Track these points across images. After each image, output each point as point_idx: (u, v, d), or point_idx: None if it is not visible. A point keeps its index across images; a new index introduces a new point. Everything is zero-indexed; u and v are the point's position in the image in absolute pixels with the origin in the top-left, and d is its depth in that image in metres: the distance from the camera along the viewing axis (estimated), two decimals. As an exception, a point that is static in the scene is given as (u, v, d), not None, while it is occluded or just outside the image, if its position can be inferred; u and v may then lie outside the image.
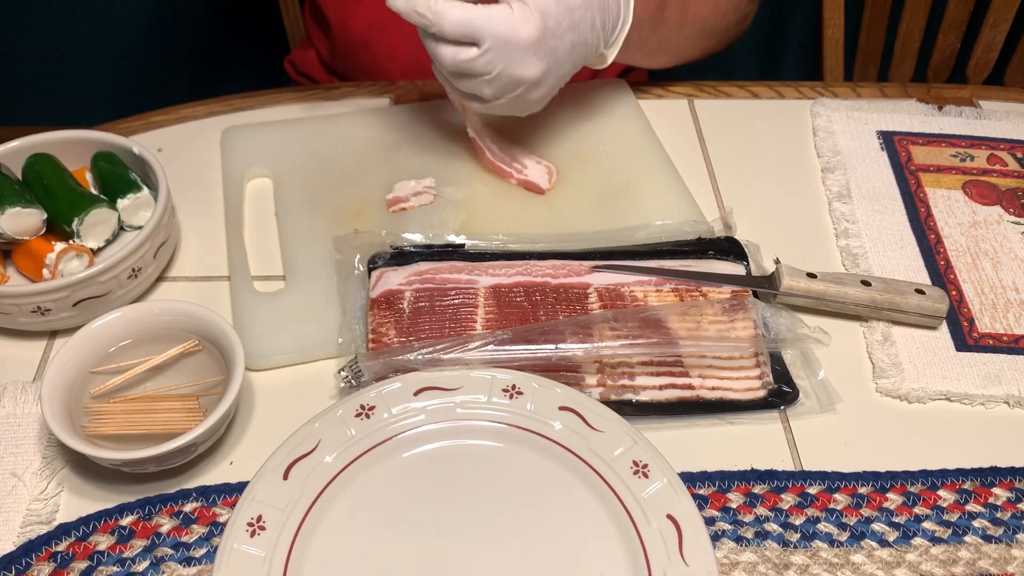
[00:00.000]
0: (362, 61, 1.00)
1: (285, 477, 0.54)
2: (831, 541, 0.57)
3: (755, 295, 0.68)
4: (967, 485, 0.60)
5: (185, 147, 0.80)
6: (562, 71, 0.69)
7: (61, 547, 0.54)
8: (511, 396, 0.59)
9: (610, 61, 0.73)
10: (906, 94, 0.89)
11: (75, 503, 0.57)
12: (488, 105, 0.68)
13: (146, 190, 0.70)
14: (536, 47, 0.64)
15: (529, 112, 0.71)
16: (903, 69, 1.25)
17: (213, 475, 0.59)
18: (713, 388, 0.63)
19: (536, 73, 0.65)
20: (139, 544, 0.55)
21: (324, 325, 0.66)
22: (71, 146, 0.71)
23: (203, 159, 0.79)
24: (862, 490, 0.59)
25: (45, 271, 0.64)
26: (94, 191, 0.71)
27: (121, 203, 0.69)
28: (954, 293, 0.71)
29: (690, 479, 0.58)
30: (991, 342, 0.68)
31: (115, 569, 0.54)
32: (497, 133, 0.78)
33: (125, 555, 0.54)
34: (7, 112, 1.86)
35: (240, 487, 0.57)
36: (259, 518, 0.52)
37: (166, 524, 0.56)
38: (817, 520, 0.57)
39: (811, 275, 0.67)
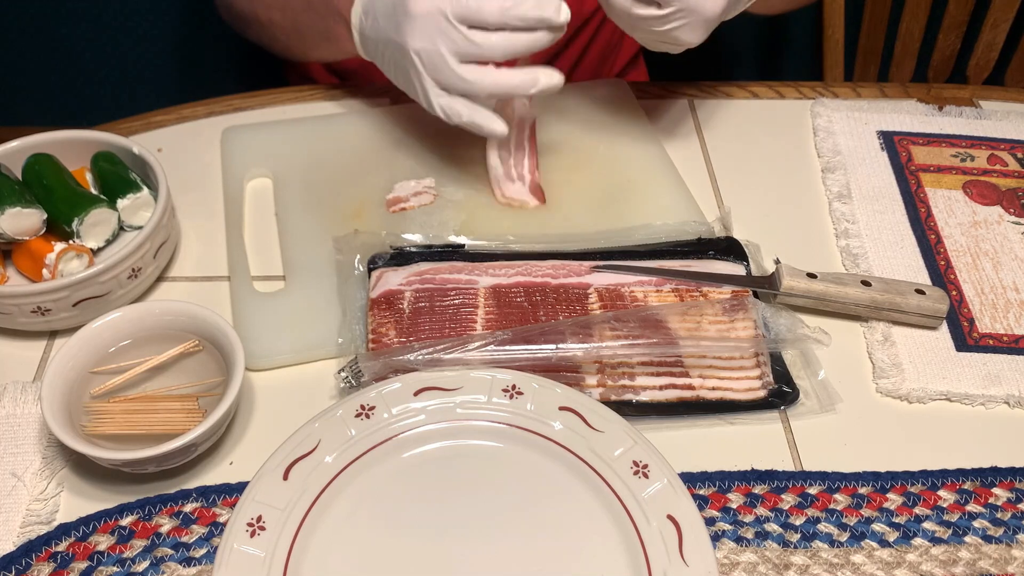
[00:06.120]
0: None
1: (285, 477, 0.54)
2: (831, 541, 0.57)
3: (755, 295, 0.68)
4: (967, 485, 0.59)
5: (185, 147, 0.80)
6: None
7: (61, 547, 0.54)
8: (511, 396, 0.59)
9: None
10: (906, 94, 0.89)
11: (75, 503, 0.57)
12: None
13: (146, 190, 0.69)
14: None
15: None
16: (903, 69, 1.25)
17: (213, 475, 0.59)
18: (713, 388, 0.63)
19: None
20: (139, 544, 0.55)
21: (324, 325, 0.66)
22: (71, 146, 0.71)
23: (203, 159, 0.79)
24: (862, 490, 0.59)
25: (45, 271, 0.64)
26: (94, 191, 0.71)
27: (121, 203, 0.69)
28: (954, 293, 0.71)
29: (690, 479, 0.58)
30: (991, 342, 0.68)
31: (115, 569, 0.54)
32: (510, 151, 0.76)
33: (125, 555, 0.54)
34: (7, 112, 1.86)
35: (240, 487, 0.57)
36: (259, 518, 0.52)
37: (166, 524, 0.56)
38: (817, 520, 0.57)
39: (811, 275, 0.67)
